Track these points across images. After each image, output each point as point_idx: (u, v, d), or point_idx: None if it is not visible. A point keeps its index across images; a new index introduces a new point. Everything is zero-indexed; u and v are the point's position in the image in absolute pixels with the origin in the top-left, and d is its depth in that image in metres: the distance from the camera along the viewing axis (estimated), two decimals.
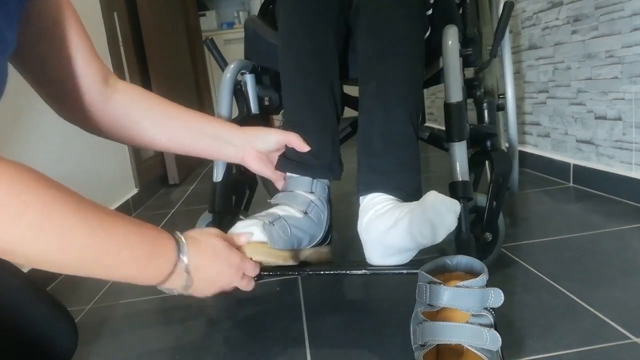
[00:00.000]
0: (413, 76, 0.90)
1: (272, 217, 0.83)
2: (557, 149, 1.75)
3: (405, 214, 0.73)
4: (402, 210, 0.75)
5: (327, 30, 0.96)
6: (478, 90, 1.15)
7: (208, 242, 0.69)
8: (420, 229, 0.70)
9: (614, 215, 1.30)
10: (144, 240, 0.58)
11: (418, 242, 0.72)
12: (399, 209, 0.76)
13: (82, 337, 0.78)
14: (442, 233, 0.70)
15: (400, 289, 1.01)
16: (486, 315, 0.61)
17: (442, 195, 0.71)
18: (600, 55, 1.45)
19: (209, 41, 1.18)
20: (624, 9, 1.33)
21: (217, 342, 0.89)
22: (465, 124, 0.93)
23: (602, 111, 1.48)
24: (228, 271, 0.70)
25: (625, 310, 0.83)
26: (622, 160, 1.42)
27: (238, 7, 4.87)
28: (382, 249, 0.78)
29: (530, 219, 1.37)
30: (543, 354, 0.74)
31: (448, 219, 0.70)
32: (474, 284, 0.61)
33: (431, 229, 0.70)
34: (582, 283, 0.94)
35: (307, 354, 0.82)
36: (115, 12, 2.16)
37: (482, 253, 0.99)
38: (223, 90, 1.08)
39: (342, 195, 1.24)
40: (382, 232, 0.76)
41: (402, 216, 0.74)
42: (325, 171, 0.91)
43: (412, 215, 0.71)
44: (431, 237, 0.71)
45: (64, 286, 1.27)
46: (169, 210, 2.01)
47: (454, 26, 0.97)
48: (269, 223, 0.81)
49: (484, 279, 0.63)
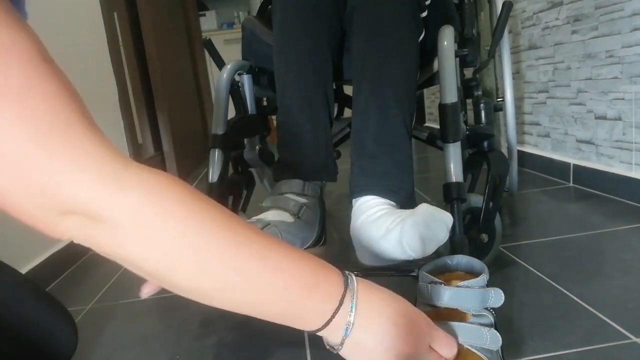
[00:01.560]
0: (407, 78, 0.90)
1: (261, 223, 0.83)
2: (557, 149, 1.75)
3: (397, 225, 0.73)
4: (393, 219, 0.75)
5: (321, 31, 0.96)
6: (476, 90, 1.15)
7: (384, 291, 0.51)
8: (410, 242, 0.70)
9: (614, 215, 1.30)
10: (303, 268, 0.44)
11: (408, 254, 0.72)
12: (391, 217, 0.76)
13: (82, 337, 0.78)
14: (432, 247, 0.71)
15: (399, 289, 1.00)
16: (486, 315, 0.61)
17: (434, 208, 0.72)
18: (600, 55, 1.45)
19: (207, 41, 1.18)
20: (624, 9, 1.33)
21: (217, 342, 0.89)
22: (461, 124, 0.93)
23: (602, 111, 1.48)
24: (412, 339, 0.48)
25: (625, 310, 0.83)
26: (622, 160, 1.42)
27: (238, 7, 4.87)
28: (373, 255, 0.78)
29: (530, 219, 1.37)
30: (543, 354, 0.74)
31: (439, 233, 0.71)
32: (474, 283, 0.61)
33: (421, 243, 0.70)
34: (582, 283, 0.94)
35: (307, 354, 0.82)
36: (115, 12, 2.16)
37: (478, 254, 0.98)
38: (220, 90, 1.08)
39: (341, 195, 1.24)
40: (373, 240, 0.76)
41: (392, 227, 0.74)
42: (319, 172, 0.91)
43: (403, 227, 0.71)
44: (421, 251, 0.71)
45: (64, 286, 1.27)
46: None
47: (450, 26, 0.97)
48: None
49: (484, 278, 0.63)
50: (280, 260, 0.43)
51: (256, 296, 0.42)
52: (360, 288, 0.47)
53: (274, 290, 0.42)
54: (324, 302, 0.45)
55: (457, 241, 0.84)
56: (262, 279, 0.42)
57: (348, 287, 0.46)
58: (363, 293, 0.46)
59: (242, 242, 0.41)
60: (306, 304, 0.44)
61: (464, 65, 1.07)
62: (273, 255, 0.43)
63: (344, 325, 0.45)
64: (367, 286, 0.48)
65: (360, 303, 0.46)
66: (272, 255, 0.43)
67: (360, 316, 0.45)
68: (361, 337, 0.46)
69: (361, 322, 0.45)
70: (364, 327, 0.45)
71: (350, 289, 0.46)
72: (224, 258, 0.40)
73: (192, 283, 0.41)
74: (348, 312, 0.45)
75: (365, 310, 0.46)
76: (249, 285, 0.42)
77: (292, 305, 0.43)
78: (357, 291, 0.46)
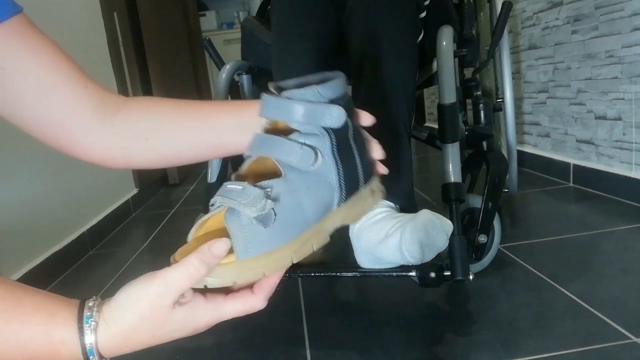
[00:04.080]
0: (406, 78, 0.90)
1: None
2: (557, 149, 1.75)
3: (396, 230, 0.73)
4: (393, 224, 0.75)
5: (320, 32, 0.96)
6: (476, 90, 1.15)
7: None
8: (409, 249, 0.71)
9: (614, 215, 1.30)
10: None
11: (407, 260, 0.73)
12: (391, 222, 0.76)
13: None
14: (431, 254, 0.72)
15: (399, 289, 1.01)
16: (317, 133, 0.46)
17: (434, 215, 0.72)
18: (600, 55, 1.45)
19: (206, 41, 1.19)
20: (624, 9, 1.33)
21: (216, 342, 0.89)
22: (459, 125, 0.93)
23: (602, 111, 1.48)
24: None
25: (625, 310, 0.83)
26: (622, 160, 1.42)
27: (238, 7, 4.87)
28: (372, 258, 0.79)
29: (530, 219, 1.37)
30: (543, 354, 0.74)
31: (438, 240, 0.71)
32: (298, 95, 0.46)
33: (420, 249, 0.70)
34: (582, 283, 0.94)
35: (307, 354, 0.82)
36: (115, 12, 2.16)
37: (476, 254, 0.98)
38: (219, 90, 1.08)
39: None
40: (373, 244, 0.76)
41: (392, 232, 0.74)
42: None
43: (403, 232, 0.72)
44: (420, 258, 0.71)
45: (64, 286, 1.27)
46: (169, 211, 2.01)
47: (449, 27, 0.96)
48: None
49: (315, 91, 0.46)
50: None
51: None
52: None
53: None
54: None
55: (455, 241, 0.84)
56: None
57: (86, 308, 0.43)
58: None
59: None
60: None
61: (464, 66, 1.07)
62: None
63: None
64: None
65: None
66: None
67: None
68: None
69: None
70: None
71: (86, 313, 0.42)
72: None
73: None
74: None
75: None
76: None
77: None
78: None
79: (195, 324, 0.45)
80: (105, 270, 1.35)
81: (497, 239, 1.01)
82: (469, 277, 0.82)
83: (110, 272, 1.32)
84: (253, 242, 0.43)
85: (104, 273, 1.33)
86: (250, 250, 0.43)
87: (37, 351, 0.42)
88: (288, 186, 0.45)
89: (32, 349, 0.41)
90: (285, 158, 0.45)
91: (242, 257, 0.43)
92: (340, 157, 0.47)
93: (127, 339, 0.43)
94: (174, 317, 0.43)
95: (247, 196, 0.43)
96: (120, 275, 1.29)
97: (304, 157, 0.45)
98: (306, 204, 0.46)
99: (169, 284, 0.42)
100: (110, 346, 0.42)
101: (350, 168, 0.49)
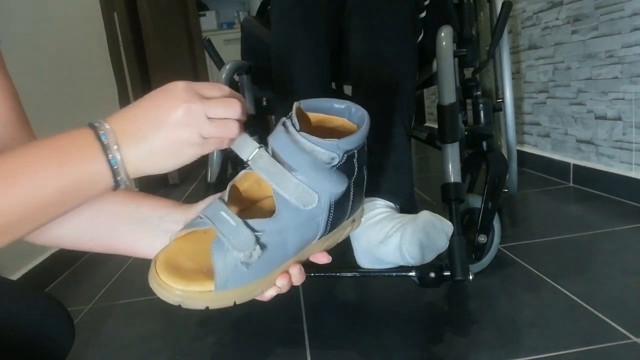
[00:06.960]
0: (405, 78, 0.90)
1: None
2: (557, 149, 1.75)
3: (397, 231, 0.73)
4: (393, 225, 0.75)
5: (320, 32, 0.96)
6: (476, 90, 1.15)
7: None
8: (409, 250, 0.71)
9: (614, 215, 1.30)
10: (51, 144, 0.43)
11: (407, 261, 0.73)
12: (391, 222, 0.76)
13: (82, 337, 0.78)
14: (431, 255, 0.72)
15: (399, 289, 1.00)
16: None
17: (435, 216, 0.72)
18: (600, 55, 1.45)
19: (206, 41, 1.19)
20: (624, 9, 1.33)
21: (217, 342, 0.89)
22: (459, 125, 0.93)
23: (602, 111, 1.48)
24: (170, 103, 0.43)
25: (625, 310, 0.83)
26: (622, 160, 1.42)
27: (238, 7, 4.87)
28: (372, 259, 0.79)
29: (530, 219, 1.37)
30: (543, 354, 0.74)
31: (438, 241, 0.71)
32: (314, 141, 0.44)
33: (420, 251, 0.70)
34: (582, 283, 0.94)
35: (307, 354, 0.82)
36: (115, 13, 2.16)
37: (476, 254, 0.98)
38: None
39: None
40: (373, 244, 0.76)
41: (392, 232, 0.74)
42: None
43: (403, 233, 0.72)
44: (420, 259, 0.72)
45: (64, 286, 1.27)
46: None
47: (449, 27, 0.96)
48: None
49: (334, 146, 0.44)
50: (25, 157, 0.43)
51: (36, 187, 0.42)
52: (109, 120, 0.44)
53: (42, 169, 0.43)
54: (83, 150, 0.43)
55: (454, 242, 0.84)
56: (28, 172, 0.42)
57: (97, 127, 0.44)
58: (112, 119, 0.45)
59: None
60: (71, 161, 0.43)
61: (464, 66, 1.07)
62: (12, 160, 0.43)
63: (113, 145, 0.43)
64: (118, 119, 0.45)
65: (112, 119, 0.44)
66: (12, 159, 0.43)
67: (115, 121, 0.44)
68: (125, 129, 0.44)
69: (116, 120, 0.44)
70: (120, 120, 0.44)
71: (98, 127, 0.43)
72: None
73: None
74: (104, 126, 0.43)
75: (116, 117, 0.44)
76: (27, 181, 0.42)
77: (64, 176, 0.43)
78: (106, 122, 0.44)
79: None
80: (105, 270, 1.35)
81: (497, 239, 1.01)
82: (468, 277, 0.82)
83: (111, 272, 1.32)
84: (233, 279, 0.45)
85: (104, 273, 1.33)
86: (229, 285, 0.45)
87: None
88: (278, 225, 0.45)
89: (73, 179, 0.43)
90: (283, 192, 0.45)
91: (220, 290, 0.45)
92: (336, 204, 0.48)
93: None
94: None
95: (238, 236, 0.43)
96: (120, 275, 1.29)
97: (302, 197, 0.45)
98: (290, 242, 0.46)
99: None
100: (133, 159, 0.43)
101: (342, 212, 0.50)
